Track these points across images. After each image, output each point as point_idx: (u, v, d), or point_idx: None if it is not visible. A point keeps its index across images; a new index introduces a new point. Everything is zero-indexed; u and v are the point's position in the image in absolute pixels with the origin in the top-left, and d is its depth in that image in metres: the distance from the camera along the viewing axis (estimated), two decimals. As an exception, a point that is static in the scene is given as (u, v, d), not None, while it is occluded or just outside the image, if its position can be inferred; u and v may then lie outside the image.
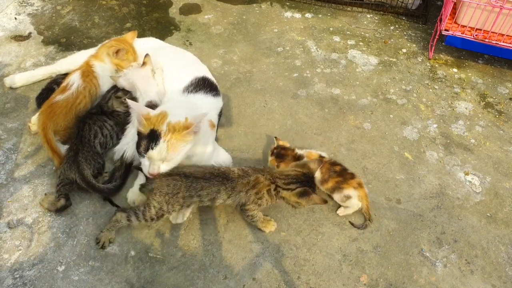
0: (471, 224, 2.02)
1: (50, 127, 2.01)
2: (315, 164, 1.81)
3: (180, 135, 1.71)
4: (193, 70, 2.25)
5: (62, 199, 1.88)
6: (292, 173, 1.78)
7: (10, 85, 2.40)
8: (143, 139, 1.72)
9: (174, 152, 1.72)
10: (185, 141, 1.73)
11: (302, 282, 1.78)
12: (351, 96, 2.59)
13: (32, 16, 2.94)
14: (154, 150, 1.69)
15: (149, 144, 1.69)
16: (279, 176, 1.79)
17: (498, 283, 1.83)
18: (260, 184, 1.77)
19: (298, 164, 1.83)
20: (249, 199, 1.77)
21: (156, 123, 1.72)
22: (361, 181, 1.99)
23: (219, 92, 2.25)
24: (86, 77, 2.17)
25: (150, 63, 2.17)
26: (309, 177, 1.78)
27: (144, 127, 1.73)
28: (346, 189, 1.94)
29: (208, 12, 3.13)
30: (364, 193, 1.97)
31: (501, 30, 2.55)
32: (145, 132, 1.72)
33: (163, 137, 1.69)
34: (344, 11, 3.25)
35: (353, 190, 1.94)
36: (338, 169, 1.99)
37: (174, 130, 1.71)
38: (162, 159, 1.72)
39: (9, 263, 1.76)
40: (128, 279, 1.74)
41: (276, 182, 1.77)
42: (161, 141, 1.69)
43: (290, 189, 1.75)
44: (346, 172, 1.99)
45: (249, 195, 1.76)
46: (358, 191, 1.95)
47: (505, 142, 2.40)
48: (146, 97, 2.08)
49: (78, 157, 1.93)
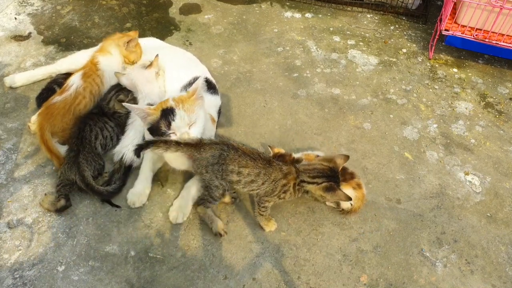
0: (471, 224, 2.02)
1: (47, 128, 2.00)
2: (341, 159, 1.82)
3: (189, 101, 1.80)
4: (192, 70, 2.26)
5: (62, 200, 1.88)
6: (319, 167, 1.78)
7: (10, 84, 2.40)
8: (160, 122, 1.76)
9: (193, 114, 1.80)
10: (196, 104, 1.81)
11: (302, 282, 1.78)
12: (351, 96, 2.59)
13: (32, 16, 2.94)
14: (175, 120, 1.76)
15: (168, 119, 1.75)
16: (304, 170, 1.78)
17: (498, 283, 1.83)
18: (290, 176, 1.77)
19: (325, 159, 1.84)
20: (276, 190, 1.77)
21: (163, 105, 1.78)
22: (360, 181, 1.98)
23: (217, 90, 2.27)
24: (87, 78, 2.16)
25: (156, 65, 2.18)
26: (335, 172, 1.78)
27: (154, 113, 1.78)
28: (345, 189, 1.94)
29: (208, 12, 3.13)
30: (361, 194, 1.96)
31: (501, 30, 2.55)
32: (158, 115, 1.77)
33: (176, 107, 1.77)
34: (344, 11, 3.25)
35: (352, 191, 1.93)
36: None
37: (182, 100, 1.79)
38: (187, 124, 1.78)
39: (9, 263, 1.76)
40: (128, 279, 1.74)
41: (301, 176, 1.77)
42: (177, 110, 1.76)
43: (316, 182, 1.75)
44: (345, 172, 1.99)
45: (277, 185, 1.76)
46: (356, 192, 1.94)
47: (505, 142, 2.40)
48: (147, 99, 2.08)
49: (79, 158, 1.93)
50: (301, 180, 1.76)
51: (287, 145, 2.27)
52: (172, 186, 2.06)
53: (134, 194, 1.95)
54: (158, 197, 2.01)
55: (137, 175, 2.02)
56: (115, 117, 2.15)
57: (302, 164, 1.84)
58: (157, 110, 1.77)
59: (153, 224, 1.92)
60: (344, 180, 1.95)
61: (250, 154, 1.76)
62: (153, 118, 1.77)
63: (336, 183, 1.76)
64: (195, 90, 1.82)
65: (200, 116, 1.82)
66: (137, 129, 2.05)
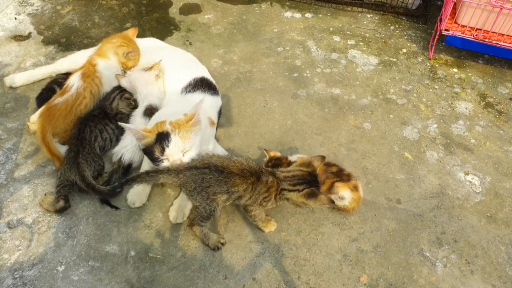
0: (471, 224, 2.02)
1: (49, 130, 2.00)
2: (318, 161, 1.78)
3: (186, 126, 1.75)
4: (192, 70, 2.26)
5: (62, 201, 1.88)
6: (298, 173, 1.75)
7: (10, 84, 2.39)
8: (154, 146, 1.72)
9: (188, 140, 1.75)
10: (193, 130, 1.77)
11: (302, 282, 1.78)
12: (351, 96, 2.59)
13: (32, 16, 2.94)
14: (169, 146, 1.71)
15: (162, 144, 1.71)
16: (284, 178, 1.75)
17: (498, 283, 1.83)
18: (273, 188, 1.74)
19: (303, 163, 1.80)
20: (258, 200, 1.75)
21: (159, 128, 1.74)
22: (357, 183, 1.97)
23: (217, 91, 2.27)
24: (86, 78, 2.15)
25: (157, 68, 2.19)
26: (314, 176, 1.75)
27: (149, 136, 1.74)
28: (343, 190, 1.93)
29: (208, 12, 3.13)
30: (358, 196, 1.95)
31: (501, 30, 2.55)
32: (152, 139, 1.73)
33: (172, 132, 1.72)
34: (344, 11, 3.25)
35: (349, 192, 1.93)
36: (335, 170, 1.98)
37: (179, 125, 1.74)
38: (181, 151, 1.74)
39: (9, 263, 1.76)
40: (128, 279, 1.74)
41: (281, 184, 1.74)
42: (172, 136, 1.71)
43: (297, 190, 1.72)
44: (342, 173, 1.98)
45: (259, 197, 1.74)
46: (353, 194, 1.93)
47: (505, 142, 2.40)
48: (146, 100, 2.09)
49: (78, 159, 1.92)
50: (282, 189, 1.74)
51: (287, 145, 2.27)
52: (172, 186, 2.06)
53: (134, 194, 1.95)
54: (158, 197, 2.01)
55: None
56: (117, 119, 2.14)
57: (282, 171, 1.80)
58: (153, 133, 1.74)
59: (153, 224, 1.92)
60: (342, 180, 1.95)
61: (238, 172, 1.72)
62: (147, 141, 1.75)
63: (317, 187, 1.73)
64: (193, 115, 1.76)
65: (195, 143, 1.77)
66: None
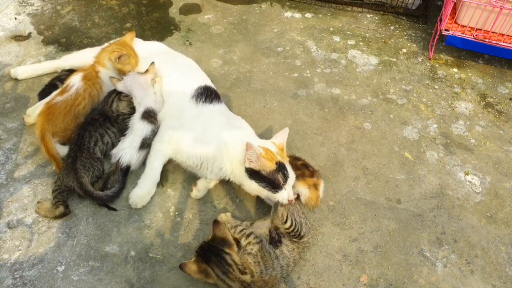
0: (471, 224, 2.02)
1: (49, 129, 1.99)
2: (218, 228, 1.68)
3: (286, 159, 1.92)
4: (196, 78, 2.24)
5: (61, 207, 1.87)
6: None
7: (14, 76, 2.44)
8: (275, 173, 1.80)
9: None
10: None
11: (302, 282, 1.78)
12: (351, 96, 2.59)
13: (32, 16, 2.94)
14: (290, 177, 1.83)
15: (285, 174, 1.81)
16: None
17: (498, 283, 1.83)
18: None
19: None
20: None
21: (274, 157, 1.83)
22: (319, 182, 1.95)
23: (220, 99, 2.22)
24: (87, 81, 2.15)
25: (152, 71, 2.17)
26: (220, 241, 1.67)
27: (269, 164, 1.81)
28: (299, 186, 1.92)
29: (208, 12, 3.13)
30: (316, 195, 1.93)
31: (501, 30, 2.55)
32: (273, 167, 1.81)
33: (286, 162, 1.86)
34: (344, 11, 3.25)
35: (307, 190, 1.91)
36: (300, 164, 1.98)
37: (283, 157, 1.89)
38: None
39: (9, 263, 1.76)
40: (128, 279, 1.74)
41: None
42: (287, 167, 1.85)
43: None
44: (307, 168, 1.97)
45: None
46: (311, 192, 1.91)
47: (505, 142, 2.40)
48: (142, 104, 2.07)
49: (76, 165, 1.91)
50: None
51: (287, 145, 2.25)
52: (172, 186, 2.06)
53: (138, 196, 1.94)
54: (158, 197, 2.01)
55: (138, 176, 2.01)
56: (119, 121, 2.12)
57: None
58: (272, 161, 1.81)
59: (153, 224, 1.92)
60: (303, 175, 1.94)
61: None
62: (263, 167, 1.80)
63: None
64: (282, 145, 1.92)
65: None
66: (136, 133, 2.03)
